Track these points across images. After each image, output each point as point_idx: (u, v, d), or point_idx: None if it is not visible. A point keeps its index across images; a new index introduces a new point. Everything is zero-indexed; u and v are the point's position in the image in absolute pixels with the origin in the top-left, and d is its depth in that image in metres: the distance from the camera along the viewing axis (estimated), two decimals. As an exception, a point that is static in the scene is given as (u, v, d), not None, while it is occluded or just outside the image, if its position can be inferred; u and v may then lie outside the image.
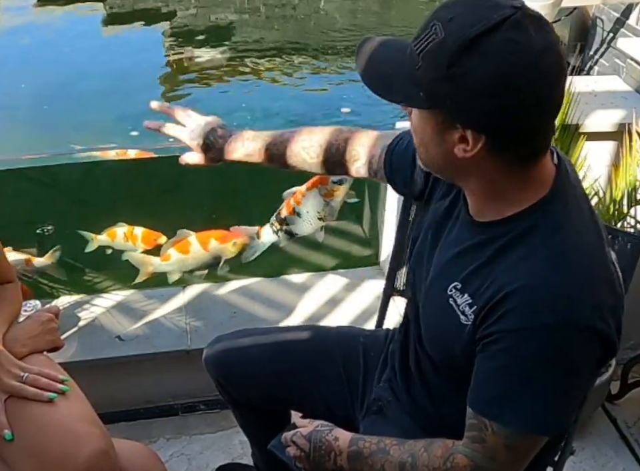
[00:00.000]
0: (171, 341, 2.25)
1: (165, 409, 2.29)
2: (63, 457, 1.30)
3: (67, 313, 2.33)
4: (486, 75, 0.99)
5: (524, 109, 1.02)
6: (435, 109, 1.05)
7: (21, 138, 5.09)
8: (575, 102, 2.20)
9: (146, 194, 3.13)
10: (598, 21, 4.70)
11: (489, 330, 1.11)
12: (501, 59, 0.99)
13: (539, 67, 1.01)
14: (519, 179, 1.11)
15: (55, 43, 6.97)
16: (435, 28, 1.02)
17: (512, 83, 1.00)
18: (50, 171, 3.20)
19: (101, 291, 2.65)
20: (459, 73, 1.00)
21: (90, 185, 3.19)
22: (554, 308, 1.06)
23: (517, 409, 1.10)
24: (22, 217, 3.07)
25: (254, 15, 7.74)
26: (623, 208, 2.11)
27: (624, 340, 2.46)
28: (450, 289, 1.19)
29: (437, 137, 1.09)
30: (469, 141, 1.05)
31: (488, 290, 1.11)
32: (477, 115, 1.03)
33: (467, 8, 1.02)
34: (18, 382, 1.37)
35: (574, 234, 1.11)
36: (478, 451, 1.14)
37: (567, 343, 1.07)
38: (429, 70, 1.02)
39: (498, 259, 1.12)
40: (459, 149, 1.07)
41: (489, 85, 1.00)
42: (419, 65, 1.03)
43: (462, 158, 1.07)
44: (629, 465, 2.15)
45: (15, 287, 1.60)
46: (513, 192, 1.12)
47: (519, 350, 1.08)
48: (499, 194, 1.13)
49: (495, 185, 1.12)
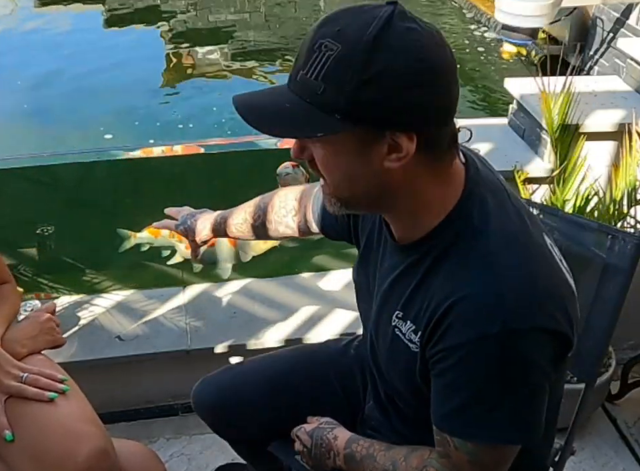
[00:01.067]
0: (170, 341, 2.25)
1: (165, 409, 2.29)
2: (63, 456, 1.30)
3: (67, 313, 2.33)
4: (402, 65, 0.96)
5: (443, 91, 0.99)
6: (357, 127, 0.98)
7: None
8: (575, 102, 2.20)
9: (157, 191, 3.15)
10: (598, 21, 4.70)
11: (434, 349, 1.08)
12: (410, 46, 0.96)
13: (443, 45, 1.00)
14: (440, 183, 1.06)
15: (54, 43, 6.97)
16: (325, 46, 0.96)
17: (427, 66, 0.97)
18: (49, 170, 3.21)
19: (100, 291, 2.65)
20: (374, 75, 0.95)
21: (108, 183, 3.19)
22: (493, 316, 1.01)
23: (472, 423, 1.07)
24: (23, 217, 3.08)
25: (254, 15, 7.74)
26: (623, 208, 2.11)
27: (624, 340, 2.46)
28: (393, 320, 1.16)
29: (361, 159, 1.01)
30: (401, 146, 0.99)
31: (427, 311, 1.08)
32: (405, 112, 0.97)
33: (348, 17, 0.98)
34: (18, 382, 1.38)
35: (497, 232, 1.06)
36: (446, 467, 1.13)
37: (513, 349, 1.02)
38: (340, 87, 0.95)
39: (430, 277, 1.09)
40: (391, 161, 1.00)
41: (409, 74, 0.96)
42: (322, 89, 0.96)
43: (393, 172, 1.01)
44: (629, 465, 2.15)
45: (12, 288, 1.60)
46: (437, 199, 1.07)
47: (465, 364, 1.04)
48: (423, 207, 1.08)
49: (422, 198, 1.06)
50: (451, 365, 1.06)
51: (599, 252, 1.47)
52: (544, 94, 2.23)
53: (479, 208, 1.07)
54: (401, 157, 1.00)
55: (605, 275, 1.46)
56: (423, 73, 0.97)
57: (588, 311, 1.48)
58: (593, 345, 1.47)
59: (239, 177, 3.03)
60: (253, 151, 3.18)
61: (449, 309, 1.04)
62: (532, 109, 2.54)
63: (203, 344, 2.24)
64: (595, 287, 1.47)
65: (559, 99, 2.21)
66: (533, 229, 1.11)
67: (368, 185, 1.04)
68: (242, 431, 1.56)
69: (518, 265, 1.04)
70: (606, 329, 1.46)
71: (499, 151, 2.55)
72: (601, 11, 4.65)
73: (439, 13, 7.51)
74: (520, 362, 1.04)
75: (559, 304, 1.06)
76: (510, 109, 2.77)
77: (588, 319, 1.48)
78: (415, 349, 1.12)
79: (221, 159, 3.25)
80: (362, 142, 1.00)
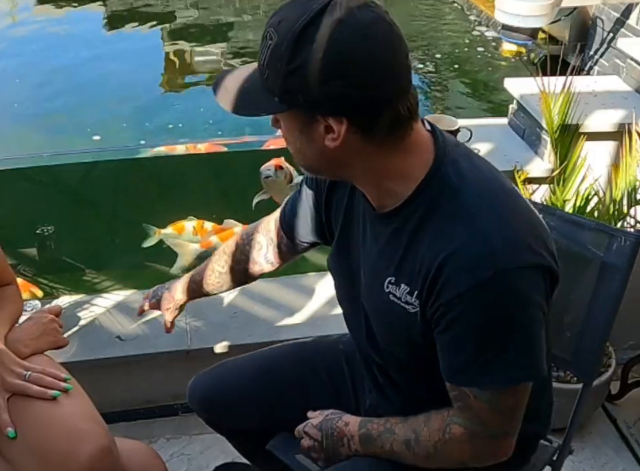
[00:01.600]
0: (171, 341, 2.25)
1: (165, 409, 2.29)
2: (65, 454, 1.30)
3: (67, 313, 2.32)
4: (321, 59, 1.02)
5: (371, 80, 1.04)
6: (293, 110, 1.08)
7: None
8: (575, 102, 2.20)
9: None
10: (598, 21, 4.70)
11: (435, 305, 1.12)
12: (331, 39, 1.02)
13: (371, 36, 1.04)
14: (399, 153, 1.12)
15: (54, 42, 6.97)
16: (269, 35, 1.06)
17: (348, 58, 1.03)
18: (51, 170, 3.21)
19: (100, 291, 2.65)
20: (298, 66, 1.03)
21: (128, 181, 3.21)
22: (485, 262, 1.07)
23: (487, 370, 1.12)
24: (28, 218, 3.09)
25: (254, 16, 7.74)
26: (623, 208, 2.11)
27: (624, 340, 2.46)
28: (386, 287, 1.20)
29: (304, 136, 1.11)
30: (333, 128, 1.07)
31: (421, 271, 1.13)
32: (329, 100, 1.05)
33: (291, 8, 1.06)
34: (21, 381, 1.38)
35: (475, 187, 1.13)
36: (468, 419, 1.17)
37: (511, 289, 1.08)
38: (274, 74, 1.06)
39: (417, 239, 1.14)
40: (329, 140, 1.08)
41: (328, 67, 1.02)
42: (266, 75, 1.07)
43: (335, 149, 1.08)
44: (629, 465, 2.15)
45: (15, 289, 1.61)
46: (400, 169, 1.13)
47: (468, 313, 1.09)
48: (387, 176, 1.14)
49: (380, 167, 1.13)
50: (455, 317, 1.10)
51: (597, 251, 1.48)
52: (544, 94, 2.23)
53: (453, 168, 1.14)
54: (335, 138, 1.08)
55: (603, 274, 1.46)
56: (342, 66, 1.03)
57: (586, 310, 1.49)
58: (591, 344, 1.48)
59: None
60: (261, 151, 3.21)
61: (442, 265, 1.09)
62: (532, 109, 2.55)
63: (202, 344, 2.24)
64: (593, 286, 1.48)
65: (559, 99, 2.21)
66: (503, 178, 1.18)
67: (319, 159, 1.13)
68: (235, 422, 1.57)
69: (499, 213, 1.11)
70: (604, 328, 1.46)
71: (499, 151, 2.55)
72: (600, 11, 4.65)
73: (439, 14, 7.51)
74: (519, 301, 1.10)
75: (541, 241, 1.13)
76: (510, 109, 2.77)
77: (586, 318, 1.49)
78: (413, 310, 1.16)
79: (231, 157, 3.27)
80: (302, 122, 1.09)
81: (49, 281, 2.86)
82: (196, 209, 2.85)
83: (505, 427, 1.18)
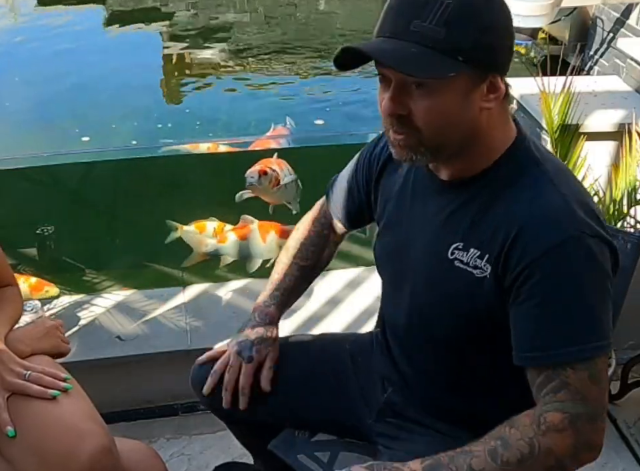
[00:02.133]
0: (170, 341, 2.25)
1: (165, 409, 2.28)
2: (65, 454, 1.30)
3: (67, 313, 2.33)
4: (504, 17, 1.13)
5: (512, 39, 1.16)
6: (474, 69, 1.10)
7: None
8: (575, 102, 2.20)
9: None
10: (598, 21, 4.70)
11: (516, 270, 1.12)
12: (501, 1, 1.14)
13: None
14: (507, 121, 1.21)
15: (54, 43, 6.97)
16: None
17: (510, 14, 1.15)
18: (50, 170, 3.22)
19: (100, 291, 2.66)
20: (491, 21, 1.10)
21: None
22: (567, 222, 1.11)
23: (581, 337, 1.10)
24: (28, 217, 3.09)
25: (254, 16, 7.74)
26: (623, 208, 2.11)
27: (624, 340, 2.47)
28: (451, 253, 1.20)
29: (466, 101, 1.12)
30: (497, 86, 1.13)
31: (497, 235, 1.15)
32: (505, 55, 1.14)
33: None
34: (21, 380, 1.38)
35: (556, 162, 1.22)
36: (568, 399, 1.10)
37: (590, 253, 1.11)
38: (463, 31, 1.08)
39: (492, 206, 1.17)
40: (489, 101, 1.13)
41: (507, 21, 1.14)
42: (444, 34, 1.07)
43: (487, 112, 1.14)
44: (629, 465, 2.15)
45: (16, 291, 1.61)
46: (500, 138, 1.20)
47: (553, 275, 1.10)
48: (489, 144, 1.19)
49: (492, 134, 1.18)
50: (539, 279, 1.11)
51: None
52: (544, 94, 2.23)
53: (534, 145, 1.22)
54: (497, 97, 1.14)
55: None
56: (510, 21, 1.15)
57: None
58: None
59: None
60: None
61: (523, 227, 1.12)
62: (532, 109, 2.54)
63: (203, 344, 2.24)
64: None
65: (559, 99, 2.21)
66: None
67: (465, 128, 1.15)
68: (235, 408, 1.54)
69: (576, 187, 1.20)
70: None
71: (499, 151, 2.55)
72: (600, 11, 4.65)
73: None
74: (597, 267, 1.12)
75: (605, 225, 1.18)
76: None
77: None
78: (481, 274, 1.17)
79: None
80: (470, 84, 1.11)
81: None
82: (210, 209, 2.85)
83: (602, 402, 1.12)
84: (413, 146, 1.17)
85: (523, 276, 1.12)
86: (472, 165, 1.20)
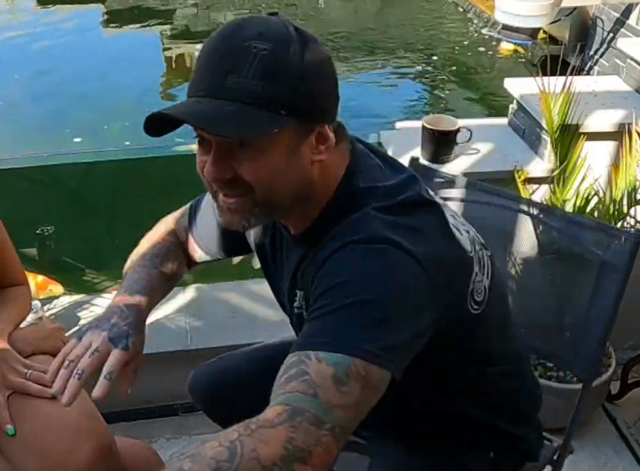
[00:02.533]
0: (170, 341, 2.25)
1: (165, 409, 2.29)
2: (65, 452, 1.31)
3: (67, 313, 2.33)
4: (324, 63, 1.05)
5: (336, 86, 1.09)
6: (299, 120, 1.02)
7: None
8: (575, 102, 2.20)
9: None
10: (598, 21, 4.70)
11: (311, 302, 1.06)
12: (321, 46, 1.06)
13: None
14: (341, 160, 1.12)
15: (54, 42, 6.97)
16: (254, 48, 0.99)
17: (327, 57, 1.07)
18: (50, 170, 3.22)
19: (100, 291, 2.65)
20: (309, 67, 1.02)
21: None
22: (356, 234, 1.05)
23: (340, 336, 0.97)
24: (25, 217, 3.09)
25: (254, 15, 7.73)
26: (623, 208, 2.11)
27: (624, 340, 2.46)
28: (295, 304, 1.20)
29: (293, 157, 1.05)
30: (326, 136, 1.06)
31: (313, 281, 1.07)
32: (330, 102, 1.06)
33: (254, 23, 1.04)
34: (22, 379, 1.38)
35: (372, 208, 1.08)
36: (296, 390, 0.93)
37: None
38: (281, 81, 1.00)
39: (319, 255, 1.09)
40: (319, 153, 1.06)
41: (325, 66, 1.06)
42: (261, 88, 0.99)
43: (318, 164, 1.07)
44: (629, 465, 2.15)
45: (26, 290, 1.61)
46: (334, 181, 1.11)
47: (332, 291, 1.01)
48: (324, 190, 1.11)
49: (328, 179, 1.10)
50: (320, 297, 1.03)
51: (597, 251, 1.48)
52: (544, 94, 2.23)
53: (362, 180, 1.12)
54: (328, 146, 1.06)
55: (602, 273, 1.46)
56: (329, 64, 1.07)
57: (586, 309, 1.49)
58: (591, 344, 1.48)
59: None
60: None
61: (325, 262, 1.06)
62: (532, 109, 2.54)
63: (203, 344, 2.24)
64: (593, 286, 1.48)
65: (559, 99, 2.21)
66: (413, 186, 1.14)
67: (297, 185, 1.07)
68: (236, 414, 1.54)
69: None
70: (604, 328, 1.46)
71: (499, 151, 2.55)
72: (601, 11, 4.65)
73: (438, 14, 7.52)
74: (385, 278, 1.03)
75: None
76: (510, 109, 2.77)
77: (586, 318, 1.49)
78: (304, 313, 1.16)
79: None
80: (297, 138, 1.04)
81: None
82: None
83: (338, 412, 0.92)
84: (246, 209, 1.08)
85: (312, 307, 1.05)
86: (308, 217, 1.13)
